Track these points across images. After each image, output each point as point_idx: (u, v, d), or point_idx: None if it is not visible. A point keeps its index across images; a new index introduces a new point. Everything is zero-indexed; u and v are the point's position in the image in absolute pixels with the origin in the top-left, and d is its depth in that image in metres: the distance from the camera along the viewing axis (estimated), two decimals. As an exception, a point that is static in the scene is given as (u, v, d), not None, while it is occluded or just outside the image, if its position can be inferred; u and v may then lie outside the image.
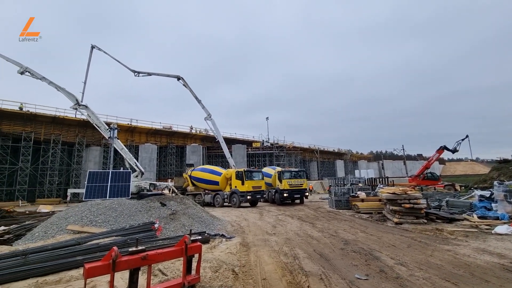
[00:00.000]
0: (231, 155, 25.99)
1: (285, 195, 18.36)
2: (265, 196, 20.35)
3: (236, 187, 17.99)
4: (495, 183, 10.83)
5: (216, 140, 24.86)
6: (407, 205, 9.33)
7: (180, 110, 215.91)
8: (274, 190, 19.62)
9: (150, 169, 32.35)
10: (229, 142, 37.22)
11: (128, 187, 14.49)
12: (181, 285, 3.32)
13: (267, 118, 50.63)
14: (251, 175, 18.51)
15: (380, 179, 21.76)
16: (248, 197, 17.57)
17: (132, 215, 8.36)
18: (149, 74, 22.13)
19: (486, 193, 11.97)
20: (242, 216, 12.79)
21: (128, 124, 33.34)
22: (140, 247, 3.02)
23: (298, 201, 19.52)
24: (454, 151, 26.97)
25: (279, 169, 20.77)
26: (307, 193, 20.53)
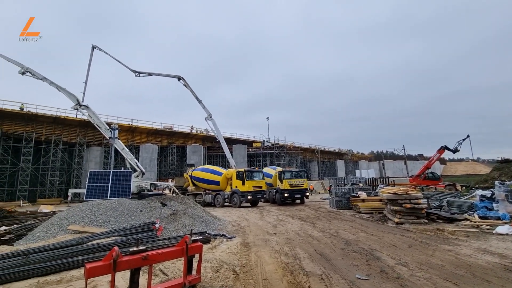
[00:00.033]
0: (232, 155, 26.02)
1: (286, 195, 18.34)
2: (266, 196, 20.34)
3: (237, 187, 17.99)
4: (496, 183, 10.81)
5: (217, 140, 24.90)
6: (408, 205, 9.31)
7: (181, 110, 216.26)
8: (275, 190, 19.59)
9: (151, 169, 32.41)
10: (230, 142, 37.23)
11: (129, 187, 14.52)
12: (182, 285, 3.33)
13: (268, 118, 50.52)
14: (252, 175, 18.51)
15: (381, 179, 21.74)
16: (249, 197, 17.55)
17: (133, 215, 8.37)
18: (150, 74, 22.20)
19: (487, 193, 11.95)
20: (243, 216, 12.79)
21: (129, 124, 33.38)
22: (141, 247, 3.02)
23: (299, 201, 19.49)
24: (455, 151, 26.93)
25: (280, 169, 20.75)
26: (308, 193, 20.50)
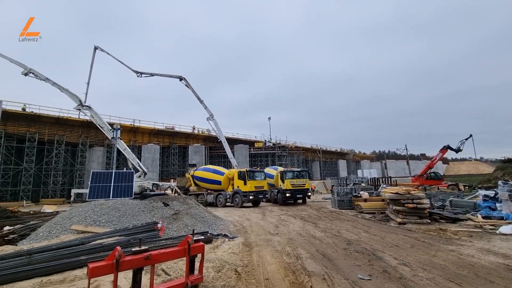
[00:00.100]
0: (233, 155, 26.06)
1: (288, 195, 18.32)
2: (268, 196, 20.34)
3: (239, 187, 17.99)
4: (500, 183, 10.72)
5: (219, 140, 24.93)
6: (410, 205, 9.27)
7: (182, 111, 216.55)
8: (277, 190, 19.58)
9: (153, 169, 32.51)
10: (231, 142, 37.28)
11: (131, 187, 14.58)
12: (184, 285, 3.33)
13: (269, 118, 50.56)
14: (254, 175, 18.50)
15: (383, 179, 21.64)
16: (251, 197, 17.55)
17: (135, 215, 8.40)
18: (152, 75, 22.29)
19: (491, 193, 11.85)
20: (245, 216, 12.79)
21: (131, 125, 33.50)
22: (143, 247, 3.03)
23: (301, 201, 19.46)
24: (458, 151, 26.79)
25: (282, 169, 20.72)
26: (310, 193, 20.47)
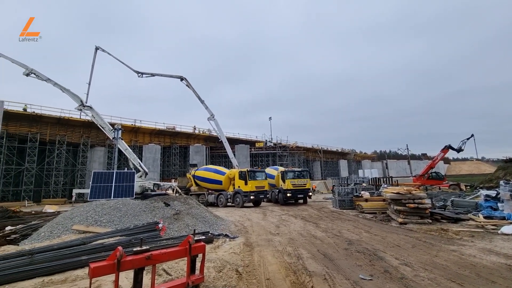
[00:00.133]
0: (234, 155, 26.02)
1: (289, 195, 18.31)
2: (268, 196, 20.34)
3: (240, 187, 17.99)
4: (501, 183, 10.67)
5: (219, 140, 24.92)
6: (412, 205, 9.25)
7: (183, 111, 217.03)
8: (278, 190, 19.57)
9: (154, 170, 32.54)
10: (232, 142, 37.30)
11: (132, 187, 14.58)
12: (185, 285, 3.34)
13: (270, 118, 50.69)
14: (254, 175, 18.50)
15: (384, 179, 21.60)
16: (252, 197, 17.55)
17: (137, 215, 8.41)
18: (153, 75, 22.28)
19: (492, 193, 11.81)
20: (246, 216, 12.80)
21: (132, 125, 33.56)
22: (145, 247, 3.04)
23: (302, 201, 19.45)
24: (459, 151, 26.71)
25: (282, 169, 20.71)
26: (311, 193, 20.45)
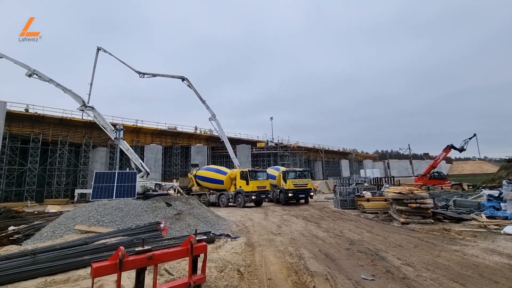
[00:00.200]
0: (236, 155, 26.05)
1: (290, 195, 18.30)
2: (270, 196, 20.33)
3: (241, 187, 18.00)
4: (504, 182, 10.63)
5: (221, 140, 24.92)
6: (414, 205, 9.22)
7: (184, 111, 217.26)
8: (279, 190, 19.56)
9: (156, 170, 32.61)
10: (234, 142, 37.31)
11: (134, 188, 14.65)
12: (187, 285, 3.34)
13: (271, 118, 51.02)
14: (256, 175, 18.50)
15: (386, 179, 21.57)
16: (253, 197, 17.56)
17: (138, 215, 8.43)
18: (154, 75, 22.33)
19: (495, 193, 11.76)
20: (247, 216, 12.80)
21: (134, 125, 33.65)
22: (146, 247, 3.04)
23: (303, 201, 19.43)
24: (462, 150, 26.61)
25: (284, 169, 20.70)
26: (312, 193, 20.43)
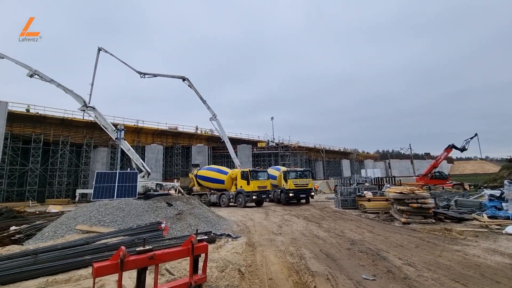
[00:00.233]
0: (237, 155, 26.06)
1: (291, 195, 18.29)
2: (271, 196, 20.32)
3: (242, 187, 18.00)
4: (506, 182, 10.57)
5: (222, 140, 24.94)
6: (415, 205, 9.20)
7: (185, 111, 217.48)
8: (280, 190, 19.56)
9: (156, 170, 32.65)
10: (234, 142, 37.32)
11: (135, 188, 14.67)
12: (188, 285, 3.34)
13: (272, 118, 51.08)
14: (257, 175, 18.49)
15: (387, 179, 21.53)
16: (254, 197, 17.56)
17: (139, 215, 8.44)
18: (155, 75, 22.38)
19: (496, 193, 11.72)
20: (248, 216, 12.80)
21: (135, 125, 33.70)
22: (147, 247, 3.04)
23: (304, 201, 19.43)
24: (463, 150, 26.54)
25: (285, 169, 20.70)
26: (313, 193, 20.42)
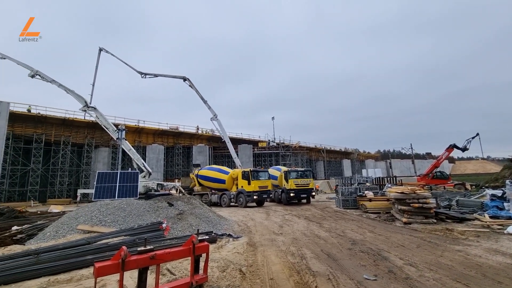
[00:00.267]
0: (237, 155, 26.05)
1: (292, 195, 18.28)
2: (272, 196, 20.32)
3: (243, 187, 18.00)
4: (507, 182, 10.56)
5: (222, 140, 24.94)
6: (416, 205, 9.18)
7: (186, 111, 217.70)
8: (281, 190, 19.55)
9: (158, 170, 32.69)
10: (235, 142, 37.31)
11: (136, 188, 14.67)
12: (189, 285, 3.34)
13: (273, 118, 51.17)
14: (258, 175, 18.49)
15: (388, 178, 21.48)
16: (255, 197, 17.55)
17: (140, 215, 8.46)
18: (156, 76, 22.37)
19: (498, 192, 11.67)
20: (249, 216, 12.80)
21: (136, 125, 33.76)
22: (149, 247, 3.05)
23: (305, 201, 19.40)
24: (464, 150, 26.46)
25: (285, 169, 20.68)
26: (314, 193, 20.40)
